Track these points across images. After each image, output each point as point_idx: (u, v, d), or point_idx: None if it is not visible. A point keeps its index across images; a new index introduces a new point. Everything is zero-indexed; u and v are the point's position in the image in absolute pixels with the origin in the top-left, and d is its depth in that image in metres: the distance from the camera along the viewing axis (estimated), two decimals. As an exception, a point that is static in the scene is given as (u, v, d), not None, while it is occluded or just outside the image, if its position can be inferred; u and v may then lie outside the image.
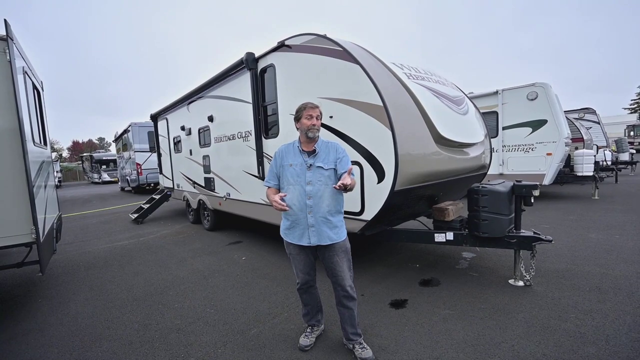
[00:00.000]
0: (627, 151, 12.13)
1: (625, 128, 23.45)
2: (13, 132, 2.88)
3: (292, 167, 2.22)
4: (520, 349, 2.20)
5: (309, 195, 2.16)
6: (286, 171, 2.24)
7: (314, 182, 2.17)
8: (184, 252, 5.09)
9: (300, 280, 2.34)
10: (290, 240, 2.27)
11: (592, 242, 4.32)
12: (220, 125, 5.52)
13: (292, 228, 2.24)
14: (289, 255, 2.36)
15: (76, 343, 2.65)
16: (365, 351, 2.20)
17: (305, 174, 2.19)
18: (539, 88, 7.15)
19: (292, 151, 2.28)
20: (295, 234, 2.23)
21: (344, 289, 2.22)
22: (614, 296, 2.84)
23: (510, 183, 3.17)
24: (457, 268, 3.72)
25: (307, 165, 2.19)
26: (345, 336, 2.30)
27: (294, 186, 2.19)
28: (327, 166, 2.19)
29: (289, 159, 2.25)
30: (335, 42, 3.29)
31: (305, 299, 2.41)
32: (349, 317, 2.25)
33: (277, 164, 2.30)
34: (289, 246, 2.32)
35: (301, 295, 2.41)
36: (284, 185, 2.25)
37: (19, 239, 2.94)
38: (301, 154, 2.23)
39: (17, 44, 3.11)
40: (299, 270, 2.32)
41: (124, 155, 16.31)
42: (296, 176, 2.20)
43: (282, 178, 2.27)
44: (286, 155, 2.28)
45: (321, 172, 2.19)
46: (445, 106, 3.63)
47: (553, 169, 7.03)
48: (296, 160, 2.23)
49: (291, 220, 2.23)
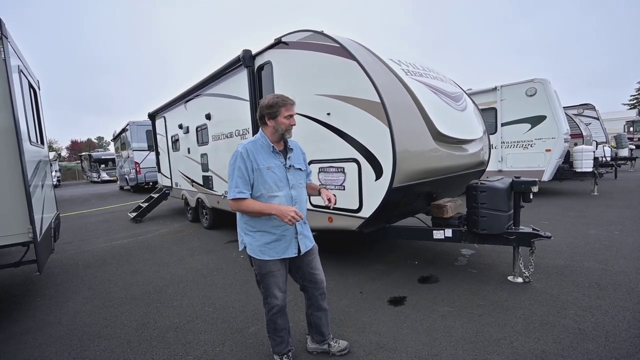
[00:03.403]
0: (626, 147, 12.12)
1: (624, 124, 23.43)
2: (8, 132, 2.86)
3: (272, 171, 1.91)
4: (519, 346, 2.19)
5: (294, 200, 1.97)
6: (265, 176, 1.89)
7: (296, 186, 1.99)
8: (182, 251, 5.08)
9: (279, 302, 2.00)
10: (272, 256, 1.94)
11: (592, 238, 4.32)
12: (218, 123, 5.49)
13: (276, 241, 1.94)
14: (264, 275, 1.97)
15: (74, 342, 2.64)
16: (340, 342, 2.23)
17: (286, 177, 1.96)
18: (537, 84, 7.12)
19: (263, 151, 1.93)
20: (279, 247, 1.95)
21: (322, 289, 2.14)
22: (613, 292, 2.83)
23: (509, 179, 3.16)
24: (455, 265, 3.71)
25: (286, 167, 1.97)
26: (319, 340, 2.21)
27: (279, 193, 1.92)
28: (303, 167, 2.08)
29: (263, 161, 1.90)
30: (332, 38, 3.27)
31: (280, 324, 2.05)
32: (326, 317, 2.19)
33: (248, 167, 1.87)
34: (267, 264, 1.94)
35: (276, 322, 2.03)
36: (262, 192, 1.90)
37: (15, 238, 2.92)
38: (275, 154, 1.96)
39: (11, 42, 3.08)
40: (279, 290, 1.99)
41: (123, 154, 16.28)
42: (279, 181, 1.93)
43: (259, 184, 1.90)
44: (257, 156, 1.90)
45: (299, 173, 2.05)
46: (444, 102, 3.61)
47: (552, 165, 7.02)
48: (272, 162, 1.93)
49: (278, 233, 1.93)
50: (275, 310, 2.01)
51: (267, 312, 2.04)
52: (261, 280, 2.01)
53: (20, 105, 3.07)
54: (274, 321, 2.05)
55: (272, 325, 2.06)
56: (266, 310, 2.05)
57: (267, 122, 1.94)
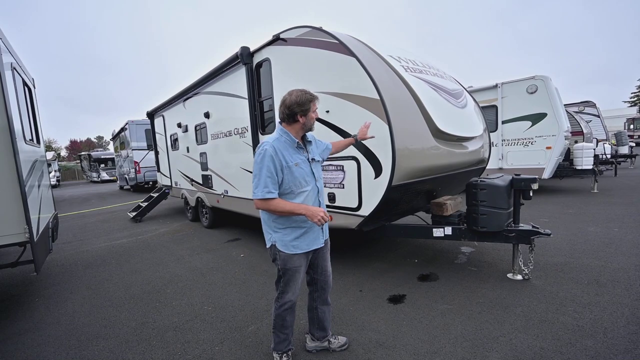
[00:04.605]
0: (626, 144, 12.10)
1: (625, 121, 23.39)
2: (2, 131, 2.83)
3: (299, 167, 1.90)
4: (518, 343, 2.18)
5: (320, 193, 2.01)
6: (295, 173, 1.88)
7: (319, 178, 2.02)
8: (182, 250, 5.07)
9: (294, 299, 2.02)
10: (303, 249, 1.95)
11: (591, 236, 4.31)
12: (217, 121, 5.47)
13: (306, 234, 1.95)
14: (288, 270, 1.96)
15: (73, 342, 2.63)
16: (339, 337, 2.27)
17: (311, 170, 1.97)
18: (538, 81, 7.09)
19: (288, 147, 1.92)
20: (309, 239, 1.96)
21: (330, 282, 2.20)
22: (612, 289, 2.83)
23: (509, 177, 3.14)
24: (455, 263, 3.71)
25: (309, 161, 1.99)
26: (321, 337, 2.22)
27: (307, 187, 1.93)
28: (318, 157, 2.10)
29: (290, 158, 1.89)
30: (331, 34, 3.24)
31: (289, 321, 2.06)
32: (329, 312, 2.24)
33: (277, 166, 1.83)
34: (293, 259, 1.94)
35: (285, 318, 2.03)
36: (292, 189, 1.89)
37: (11, 238, 2.90)
38: (299, 149, 1.96)
39: (4, 40, 3.06)
40: (297, 287, 2.01)
41: (122, 154, 16.25)
42: (306, 176, 1.93)
43: (289, 182, 1.88)
44: (284, 152, 1.88)
45: (319, 165, 2.09)
46: (444, 99, 3.59)
47: (552, 162, 7.00)
48: (298, 158, 1.92)
49: (307, 226, 1.94)
50: (288, 305, 2.02)
51: (279, 307, 2.03)
52: (283, 275, 1.99)
53: (14, 103, 3.04)
54: (283, 317, 2.03)
55: (281, 321, 2.04)
56: (277, 305, 2.03)
57: (299, 119, 1.91)
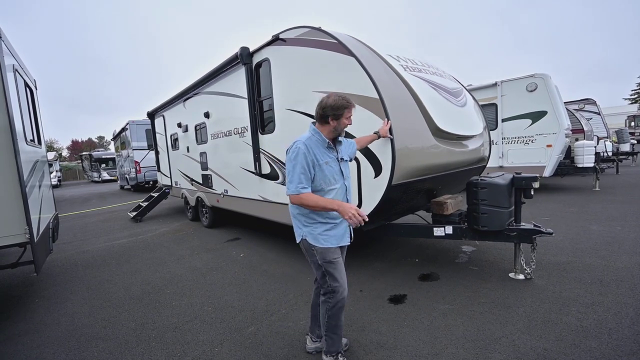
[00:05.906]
0: (628, 142, 12.06)
1: (626, 118, 23.30)
2: (3, 131, 2.84)
3: (329, 165, 1.97)
4: (520, 344, 2.16)
5: (348, 191, 2.08)
6: (325, 170, 1.95)
7: (347, 176, 2.09)
8: (182, 250, 5.06)
9: (346, 293, 1.98)
10: (332, 243, 1.98)
11: (594, 234, 4.28)
12: (217, 121, 5.45)
13: (334, 228, 1.99)
14: (329, 263, 1.96)
15: (72, 343, 2.63)
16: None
17: (340, 169, 2.04)
18: (538, 79, 7.07)
19: (320, 146, 1.98)
20: (338, 234, 2.01)
21: None
22: (615, 288, 2.80)
23: (510, 175, 3.12)
24: (456, 262, 3.69)
25: (339, 160, 2.04)
26: (321, 336, 2.20)
27: (336, 185, 2.00)
28: (346, 157, 2.15)
29: (321, 156, 1.95)
30: (330, 34, 3.22)
31: (342, 318, 2.06)
32: None
33: (309, 163, 1.91)
34: (330, 252, 1.96)
35: (339, 316, 2.01)
36: (322, 187, 1.97)
37: (11, 239, 2.90)
38: (330, 149, 2.01)
39: (6, 41, 3.05)
40: (345, 277, 2.00)
41: (123, 154, 16.27)
42: (335, 174, 2.00)
43: (319, 179, 1.95)
44: (316, 151, 1.95)
45: (347, 164, 2.13)
46: (443, 98, 3.57)
47: (553, 160, 6.97)
48: (328, 157, 1.99)
49: (337, 222, 2.01)
50: (342, 303, 1.97)
51: (333, 306, 1.97)
52: (327, 271, 1.97)
53: (15, 104, 3.05)
54: (338, 316, 1.99)
55: (335, 320, 2.00)
56: (332, 304, 1.97)
57: (330, 122, 1.96)
